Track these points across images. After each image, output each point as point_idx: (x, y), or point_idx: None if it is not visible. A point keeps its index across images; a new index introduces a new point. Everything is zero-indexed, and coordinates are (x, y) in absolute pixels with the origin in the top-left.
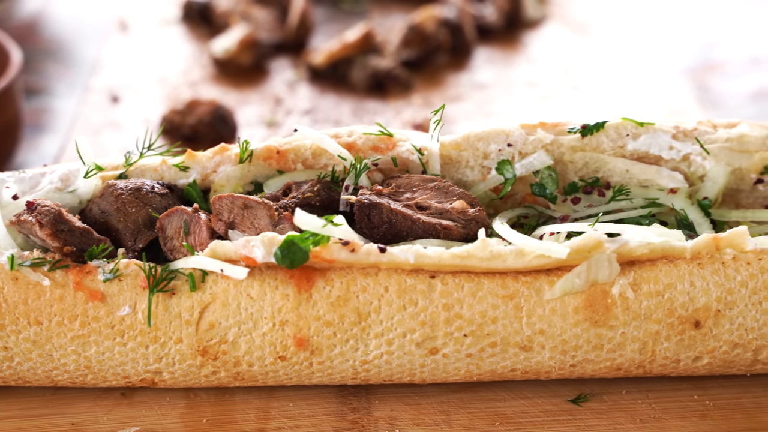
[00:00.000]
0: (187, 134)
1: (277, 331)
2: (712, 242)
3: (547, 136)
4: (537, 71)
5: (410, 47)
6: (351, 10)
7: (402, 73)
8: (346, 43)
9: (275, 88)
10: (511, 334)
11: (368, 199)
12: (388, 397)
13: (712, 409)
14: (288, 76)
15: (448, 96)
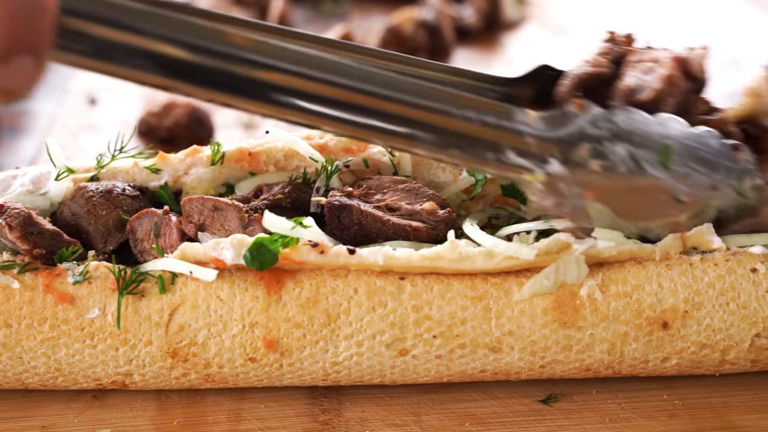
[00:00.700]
0: (164, 136)
1: (246, 333)
2: (678, 241)
3: None
4: (515, 72)
5: (388, 48)
6: (331, 12)
7: None
8: None
9: None
10: (480, 336)
11: (338, 201)
12: (359, 398)
13: (681, 409)
14: None
15: None
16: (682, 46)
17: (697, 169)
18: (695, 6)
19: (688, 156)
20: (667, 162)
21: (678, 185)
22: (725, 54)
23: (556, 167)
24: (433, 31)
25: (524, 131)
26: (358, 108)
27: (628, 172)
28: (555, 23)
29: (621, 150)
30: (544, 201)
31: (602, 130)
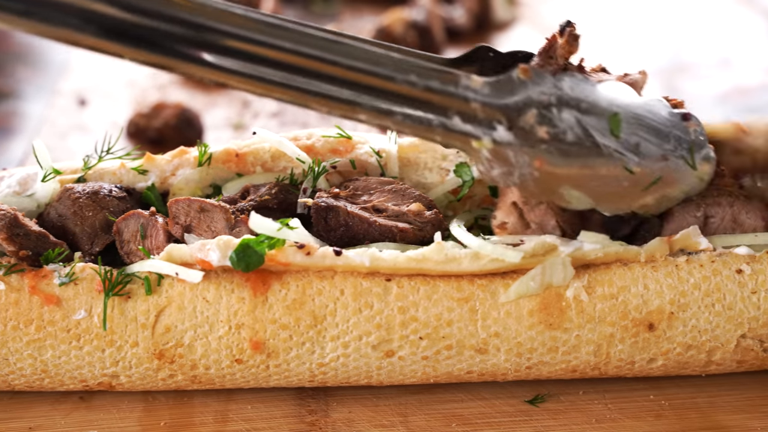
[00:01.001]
0: (153, 137)
1: (233, 335)
2: (665, 244)
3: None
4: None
5: None
6: (322, 12)
7: None
8: None
9: None
10: (467, 337)
11: (325, 202)
12: (346, 399)
13: (667, 409)
14: None
15: None
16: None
17: (648, 139)
18: (686, 6)
19: (638, 125)
20: (616, 130)
21: (628, 155)
22: (716, 54)
23: (502, 133)
24: (424, 32)
25: (470, 97)
26: (299, 70)
27: (576, 140)
28: (545, 24)
29: (569, 117)
30: (492, 171)
31: (549, 96)
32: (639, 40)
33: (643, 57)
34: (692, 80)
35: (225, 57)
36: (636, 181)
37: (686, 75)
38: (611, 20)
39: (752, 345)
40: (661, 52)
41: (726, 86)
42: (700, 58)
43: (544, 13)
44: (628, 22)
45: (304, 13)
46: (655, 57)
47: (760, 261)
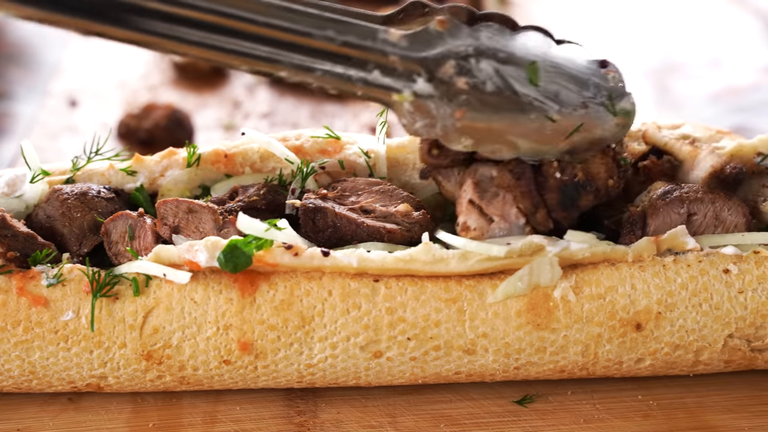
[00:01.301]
0: (144, 138)
1: (221, 335)
2: (652, 244)
3: None
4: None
5: None
6: None
7: None
8: None
9: (234, 92)
10: (455, 338)
11: (313, 204)
12: (335, 400)
13: (655, 409)
14: (248, 80)
15: None
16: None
17: (567, 86)
18: (678, 6)
19: (557, 73)
20: (534, 78)
21: (548, 103)
22: (708, 54)
23: (422, 86)
24: None
25: (388, 50)
26: (217, 28)
27: (495, 90)
28: (536, 23)
29: (487, 67)
30: (415, 124)
31: (466, 47)
32: (630, 39)
33: (635, 57)
34: (683, 80)
35: (141, 17)
36: (557, 128)
37: (677, 75)
38: (603, 20)
39: (740, 345)
40: (652, 51)
41: (717, 86)
42: (692, 58)
43: (535, 13)
44: (620, 21)
45: None
46: (647, 57)
47: (747, 261)
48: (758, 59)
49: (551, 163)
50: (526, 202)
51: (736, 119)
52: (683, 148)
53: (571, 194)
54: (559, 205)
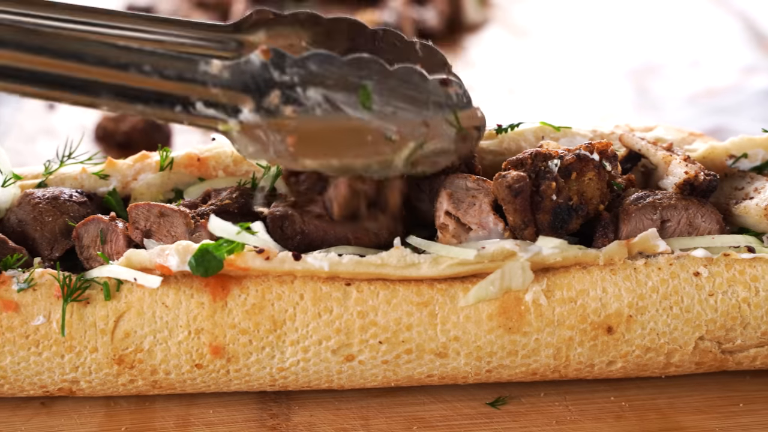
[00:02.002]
0: (121, 141)
1: (192, 339)
2: (624, 247)
3: None
4: (474, 75)
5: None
6: None
7: None
8: None
9: None
10: (426, 341)
11: (280, 211)
12: (308, 403)
13: (627, 410)
14: None
15: None
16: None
17: (403, 107)
18: (659, 7)
19: (391, 95)
20: (367, 102)
21: (385, 124)
22: (687, 55)
23: (248, 116)
24: None
25: (209, 82)
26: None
27: (325, 116)
28: (516, 25)
29: (315, 94)
30: (248, 149)
31: (292, 76)
32: (609, 41)
33: (614, 58)
34: (662, 81)
35: None
36: (398, 147)
37: (657, 76)
38: (583, 21)
39: (710, 347)
40: (633, 53)
41: (696, 87)
42: (672, 59)
43: (515, 15)
44: (600, 24)
45: None
46: (627, 58)
47: (717, 263)
48: (738, 60)
49: (550, 185)
50: (518, 218)
51: (714, 120)
52: (658, 153)
53: (563, 217)
54: (550, 226)
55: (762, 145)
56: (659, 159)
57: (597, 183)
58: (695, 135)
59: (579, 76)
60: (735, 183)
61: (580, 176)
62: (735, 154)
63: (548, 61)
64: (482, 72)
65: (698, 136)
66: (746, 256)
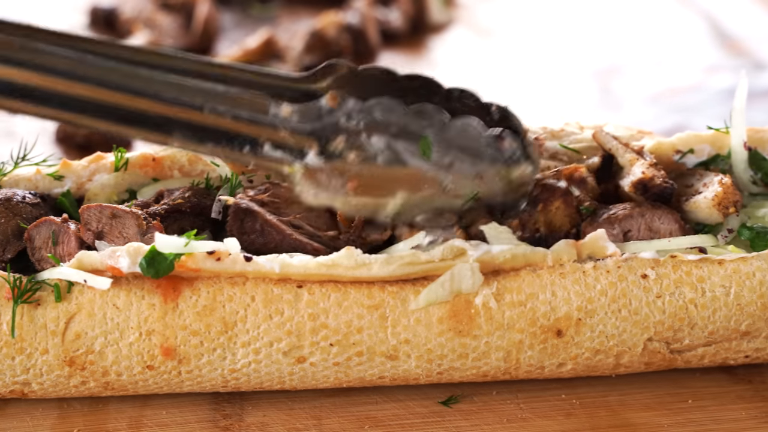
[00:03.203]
0: (81, 143)
1: (143, 341)
2: (572, 248)
3: None
4: (438, 75)
5: (312, 53)
6: (260, 16)
7: None
8: (247, 49)
9: None
10: (377, 344)
11: (246, 205)
12: (261, 403)
13: (578, 408)
14: None
15: None
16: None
17: (460, 158)
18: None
19: (450, 146)
20: (426, 152)
21: (442, 174)
22: (651, 55)
23: (312, 159)
24: (358, 35)
25: (278, 125)
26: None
27: (387, 163)
28: (481, 25)
29: (378, 141)
30: (308, 191)
31: (357, 123)
32: (574, 42)
33: (578, 58)
34: (626, 81)
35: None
36: (452, 196)
37: (620, 76)
38: (549, 21)
39: (659, 348)
40: (597, 53)
41: (659, 87)
42: (636, 59)
43: (480, 15)
44: (566, 23)
45: (241, 17)
46: (591, 58)
47: (664, 265)
48: (701, 59)
49: (511, 223)
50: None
51: (675, 119)
52: (626, 155)
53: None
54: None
55: (708, 141)
56: (626, 160)
57: (564, 210)
58: (643, 132)
59: (543, 76)
60: (686, 181)
61: (546, 206)
62: (681, 149)
63: (512, 61)
64: (445, 72)
65: (646, 133)
66: (693, 258)
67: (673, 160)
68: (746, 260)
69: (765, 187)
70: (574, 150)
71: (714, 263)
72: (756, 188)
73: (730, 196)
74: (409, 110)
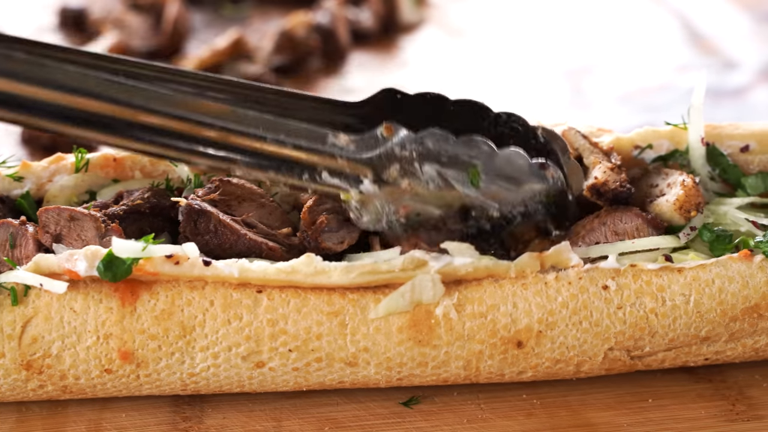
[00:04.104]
0: (46, 144)
1: (101, 345)
2: (536, 260)
3: None
4: (407, 75)
5: (282, 53)
6: (231, 16)
7: (271, 79)
8: (216, 49)
9: None
10: (336, 351)
11: (199, 205)
12: (222, 405)
13: (538, 408)
14: None
15: None
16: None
17: (507, 187)
18: (593, 8)
19: (497, 175)
20: (475, 180)
21: (488, 202)
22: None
23: (368, 186)
24: (328, 35)
25: (336, 153)
26: (171, 132)
27: (437, 189)
28: (452, 25)
29: (430, 170)
30: (362, 218)
31: (411, 152)
32: (548, 41)
33: (552, 58)
34: (597, 80)
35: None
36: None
37: (592, 75)
38: (521, 21)
39: (620, 356)
40: (569, 53)
41: (630, 86)
42: (607, 59)
43: (452, 15)
44: (539, 22)
45: (213, 17)
46: (563, 58)
47: (625, 275)
48: (673, 59)
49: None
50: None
51: (645, 118)
52: (590, 157)
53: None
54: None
55: (666, 136)
56: (590, 162)
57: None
58: (603, 130)
59: (514, 75)
60: (651, 180)
61: (527, 245)
62: (640, 144)
63: (484, 61)
64: (415, 72)
65: (606, 131)
66: (653, 266)
67: (632, 155)
68: (705, 267)
69: (723, 183)
70: None
71: (674, 271)
72: (714, 184)
73: (692, 199)
74: (459, 140)
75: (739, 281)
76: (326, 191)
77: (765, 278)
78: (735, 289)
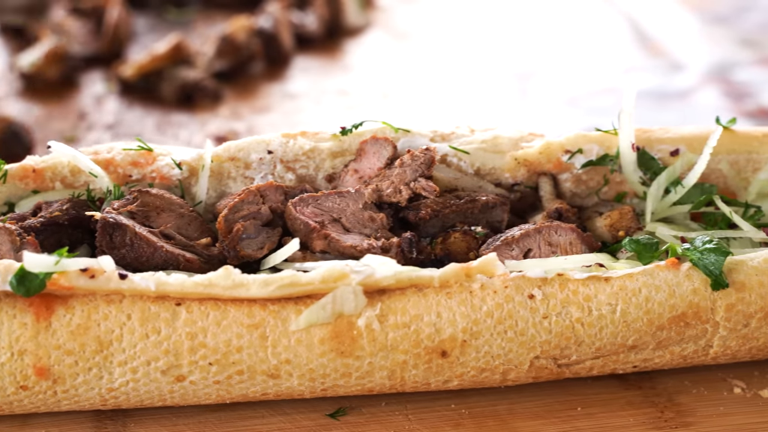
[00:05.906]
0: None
1: (16, 361)
2: (461, 271)
3: (307, 143)
4: (351, 79)
5: (223, 58)
6: (175, 20)
7: (211, 84)
8: (156, 54)
9: (82, 103)
10: (257, 363)
11: (113, 218)
12: (145, 419)
13: (466, 417)
14: (98, 90)
15: (257, 107)
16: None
17: None
18: (539, 13)
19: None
20: None
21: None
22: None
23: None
24: (270, 39)
25: None
26: None
27: None
28: (398, 28)
29: None
30: None
31: None
32: (497, 44)
33: (499, 61)
34: (545, 83)
35: None
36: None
37: (539, 78)
38: (468, 24)
39: (546, 364)
40: (516, 56)
41: (578, 89)
42: (556, 62)
43: (399, 18)
44: (487, 25)
45: (156, 21)
46: (511, 61)
47: (551, 284)
48: (622, 61)
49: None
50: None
51: (592, 121)
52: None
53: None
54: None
55: (596, 141)
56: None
57: (462, 238)
58: (534, 135)
59: (461, 79)
60: (599, 208)
61: (446, 238)
62: (570, 149)
63: (430, 65)
64: (358, 76)
65: (537, 135)
66: (580, 276)
67: (562, 160)
68: (633, 276)
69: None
70: (464, 151)
71: (601, 280)
72: (645, 188)
73: (625, 222)
74: None
75: (665, 290)
76: None
77: (692, 287)
78: (662, 298)
